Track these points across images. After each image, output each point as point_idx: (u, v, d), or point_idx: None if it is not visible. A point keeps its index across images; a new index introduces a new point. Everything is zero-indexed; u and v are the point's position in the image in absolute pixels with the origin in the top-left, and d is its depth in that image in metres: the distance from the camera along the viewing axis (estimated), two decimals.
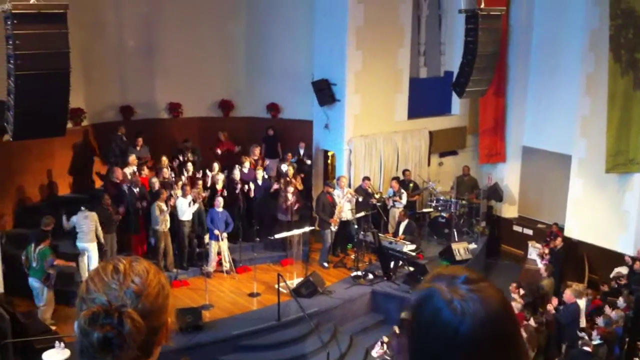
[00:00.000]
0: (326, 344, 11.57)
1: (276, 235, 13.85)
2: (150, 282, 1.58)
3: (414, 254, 13.87)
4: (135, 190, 13.46)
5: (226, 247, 13.81)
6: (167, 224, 13.28)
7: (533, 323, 10.83)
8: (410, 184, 15.94)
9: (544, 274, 13.51)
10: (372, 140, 15.89)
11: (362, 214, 14.47)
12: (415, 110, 16.68)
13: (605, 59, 14.32)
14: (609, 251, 14.88)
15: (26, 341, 9.84)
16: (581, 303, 11.92)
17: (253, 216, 14.90)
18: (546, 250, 14.85)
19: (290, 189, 14.35)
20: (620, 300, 12.05)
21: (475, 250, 15.20)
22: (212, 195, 14.06)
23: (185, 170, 14.70)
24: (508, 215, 17.91)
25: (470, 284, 1.48)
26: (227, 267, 13.88)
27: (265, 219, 14.90)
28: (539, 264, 14.49)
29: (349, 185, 15.22)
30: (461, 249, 14.51)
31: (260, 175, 14.80)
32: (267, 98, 17.11)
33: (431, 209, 16.14)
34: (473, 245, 15.24)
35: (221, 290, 13.28)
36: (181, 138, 16.28)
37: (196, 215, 13.73)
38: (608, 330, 10.85)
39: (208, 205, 13.93)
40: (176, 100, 16.73)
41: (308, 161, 16.08)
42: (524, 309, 11.45)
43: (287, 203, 14.33)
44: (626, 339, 11.20)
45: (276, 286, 12.03)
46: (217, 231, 13.35)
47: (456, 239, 15.30)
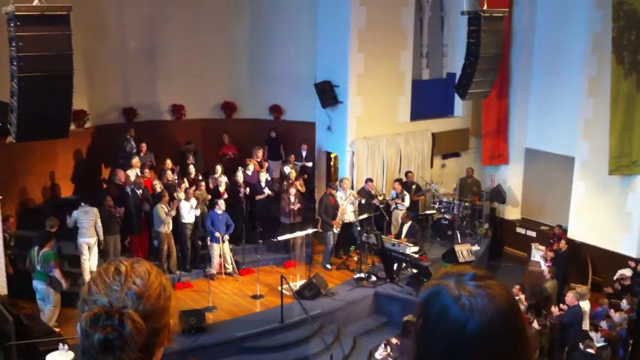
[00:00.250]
0: (329, 346, 11.57)
1: (279, 238, 13.85)
2: (151, 284, 1.59)
3: (417, 255, 13.85)
4: (138, 192, 13.47)
5: (228, 249, 13.81)
6: (170, 226, 13.28)
7: (536, 325, 10.81)
8: (413, 186, 15.92)
9: (547, 276, 13.48)
10: (375, 142, 15.89)
11: (365, 215, 14.47)
12: (418, 112, 16.68)
13: (608, 61, 14.30)
14: (612, 253, 14.86)
15: (30, 343, 9.84)
16: (585, 305, 11.90)
17: (256, 218, 14.90)
18: (549, 252, 14.83)
19: (292, 191, 14.35)
20: (624, 302, 12.02)
21: (478, 252, 15.18)
22: (215, 197, 14.07)
23: (188, 173, 14.72)
24: (511, 217, 17.89)
25: (478, 281, 1.49)
26: (230, 269, 13.88)
27: (268, 221, 14.90)
28: (542, 266, 14.47)
29: (352, 187, 15.22)
30: (464, 250, 14.49)
31: (263, 177, 14.81)
32: (270, 100, 17.12)
33: (434, 211, 16.13)
34: (476, 247, 15.23)
35: (224, 292, 13.28)
36: (184, 140, 16.31)
37: (199, 217, 13.75)
38: (612, 332, 10.83)
39: (209, 208, 13.94)
40: (179, 102, 16.75)
41: (309, 163, 16.08)
42: (527, 311, 11.43)
43: (289, 205, 14.34)
44: (630, 341, 11.17)
45: (279, 288, 12.04)
46: (218, 233, 13.36)
47: (459, 241, 15.29)
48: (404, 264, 13.79)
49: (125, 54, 16.07)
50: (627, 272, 13.77)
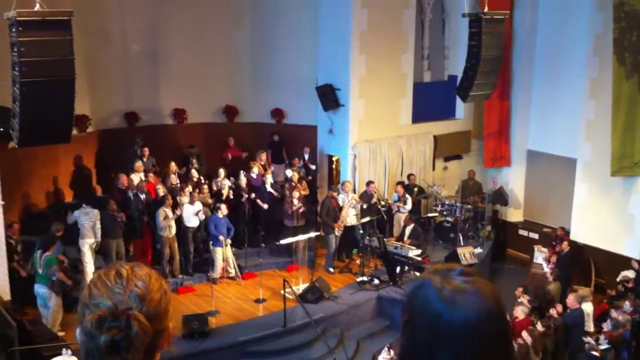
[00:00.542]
0: (332, 349, 11.56)
1: (281, 241, 13.85)
2: (153, 287, 1.60)
3: (419, 258, 13.83)
4: (141, 196, 13.48)
5: (231, 253, 13.81)
6: (173, 230, 13.28)
7: (540, 327, 10.78)
8: (415, 189, 15.92)
9: (550, 278, 13.47)
10: (377, 145, 15.89)
11: (367, 219, 14.47)
12: (420, 114, 16.68)
13: (609, 63, 14.29)
14: (615, 255, 14.83)
15: (33, 348, 9.84)
16: (588, 307, 11.88)
17: (259, 222, 14.89)
18: (552, 254, 14.81)
19: (295, 194, 14.36)
20: (627, 304, 12.00)
21: (481, 254, 15.17)
22: (218, 201, 14.09)
23: (191, 177, 14.73)
24: (513, 219, 17.88)
25: (466, 276, 1.51)
26: (233, 273, 13.88)
27: (272, 224, 14.90)
28: (545, 268, 14.45)
29: (354, 190, 15.22)
30: (467, 253, 14.48)
31: (268, 180, 14.83)
32: (272, 103, 17.13)
33: (436, 214, 16.12)
34: (479, 250, 15.22)
35: (227, 297, 13.27)
36: (186, 144, 16.33)
37: (203, 221, 13.75)
38: (615, 334, 10.81)
39: (213, 212, 13.94)
40: (181, 106, 16.76)
41: (313, 166, 16.10)
42: (530, 313, 11.42)
43: (293, 208, 14.35)
44: (633, 343, 11.15)
45: (282, 292, 12.04)
46: (222, 237, 13.36)
47: (462, 244, 15.28)
48: (406, 267, 13.78)
49: (127, 58, 16.08)
50: (630, 274, 13.74)
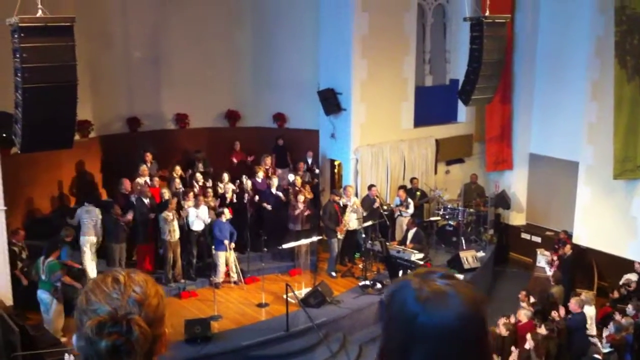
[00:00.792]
0: (335, 353, 11.54)
1: (284, 245, 13.85)
2: (150, 292, 1.61)
3: (422, 262, 13.82)
4: (145, 201, 13.49)
5: (234, 258, 13.81)
6: (176, 234, 13.29)
7: (544, 331, 10.77)
8: (418, 192, 15.91)
9: (551, 281, 13.45)
10: (379, 149, 15.89)
11: (370, 223, 14.46)
12: (422, 118, 16.68)
13: (611, 66, 14.30)
14: (617, 258, 14.80)
15: (35, 354, 9.84)
16: (591, 311, 11.87)
17: (262, 226, 14.90)
18: (555, 257, 14.79)
19: (300, 198, 14.38)
20: (630, 308, 11.98)
21: (484, 258, 15.15)
22: (222, 205, 14.11)
23: (196, 181, 14.74)
24: (516, 222, 17.87)
25: (448, 279, 1.51)
26: (235, 278, 13.88)
27: (275, 229, 14.91)
28: (548, 272, 14.43)
29: (356, 194, 15.23)
30: (469, 257, 14.47)
31: (274, 184, 14.84)
32: (274, 108, 17.13)
33: (439, 217, 16.10)
34: (481, 253, 15.19)
35: (229, 301, 13.26)
36: (189, 149, 16.35)
37: (207, 225, 13.76)
38: (618, 337, 10.79)
39: (217, 216, 13.97)
40: (183, 111, 16.77)
41: (316, 170, 16.10)
42: (533, 316, 11.40)
43: (297, 212, 14.36)
44: (636, 346, 11.12)
45: (284, 296, 12.01)
46: (227, 241, 13.36)
47: (464, 247, 15.26)
48: (409, 271, 13.76)
49: (129, 63, 16.11)
50: (633, 277, 13.73)
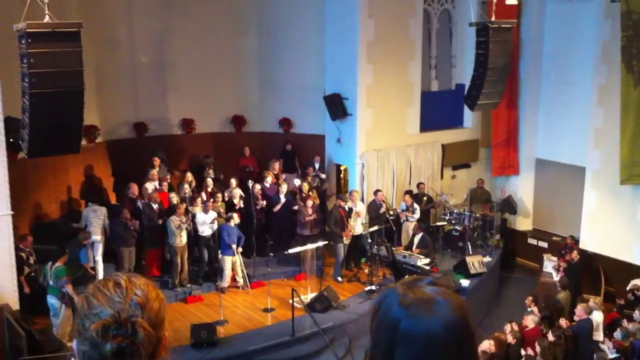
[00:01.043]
0: (341, 359, 11.53)
1: (290, 250, 13.85)
2: (151, 295, 1.63)
3: (428, 267, 13.80)
4: (154, 206, 13.52)
5: (240, 262, 13.82)
6: (184, 239, 13.31)
7: (551, 337, 10.72)
8: (424, 197, 15.90)
9: (558, 287, 13.41)
10: (385, 154, 15.89)
11: (375, 228, 14.45)
12: (428, 123, 16.68)
13: (617, 71, 14.27)
14: (624, 263, 14.75)
15: (42, 358, 9.86)
16: (598, 317, 11.82)
17: (269, 231, 14.91)
18: (562, 263, 14.74)
19: (309, 203, 14.39)
20: (637, 313, 11.92)
21: (490, 263, 15.10)
22: (228, 210, 14.13)
23: (206, 186, 14.77)
24: (522, 227, 17.82)
25: (436, 286, 1.53)
26: (241, 283, 13.89)
27: (284, 233, 14.93)
28: (555, 277, 14.38)
29: (362, 199, 15.23)
30: (476, 262, 14.44)
31: (284, 189, 14.85)
32: (279, 113, 17.17)
33: (445, 222, 16.08)
34: (488, 259, 15.15)
35: (235, 306, 13.27)
36: (195, 154, 16.39)
37: (216, 231, 13.79)
38: (625, 343, 10.74)
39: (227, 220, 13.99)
40: (189, 116, 16.82)
41: (323, 175, 16.12)
42: (540, 322, 11.36)
43: (306, 217, 14.37)
44: None
45: (290, 301, 12.01)
46: (234, 245, 13.38)
47: (470, 252, 15.23)
48: (415, 276, 13.72)
49: (135, 69, 16.18)
50: None
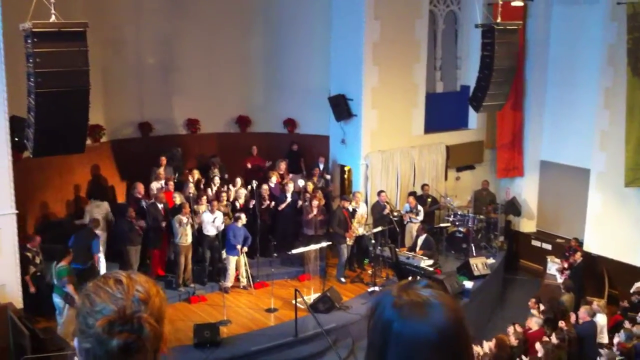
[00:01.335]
0: (344, 359, 11.52)
1: (293, 251, 13.86)
2: (152, 292, 1.63)
3: (431, 269, 13.80)
4: (159, 206, 13.55)
5: (244, 262, 13.83)
6: (189, 239, 13.32)
7: (554, 339, 10.71)
8: (429, 199, 15.89)
9: (563, 289, 13.39)
10: (389, 155, 15.89)
11: (379, 229, 14.45)
12: (432, 124, 16.68)
13: (623, 73, 14.23)
14: (629, 266, 14.71)
15: (45, 357, 9.88)
16: (602, 319, 11.79)
17: (273, 231, 14.92)
18: (565, 265, 14.71)
19: (315, 203, 14.40)
20: None
21: (494, 265, 15.09)
22: (233, 210, 14.14)
23: (213, 184, 14.79)
24: (526, 229, 17.79)
25: (432, 289, 1.54)
26: (245, 283, 13.90)
27: (289, 233, 14.94)
28: (559, 279, 14.36)
29: (366, 201, 15.23)
30: (479, 264, 14.42)
31: (290, 188, 14.87)
32: (284, 113, 17.17)
33: (449, 224, 16.06)
34: (491, 260, 15.14)
35: (239, 306, 13.28)
36: (200, 154, 16.40)
37: (221, 231, 13.81)
38: (628, 345, 10.72)
39: (233, 220, 14.01)
40: (194, 116, 16.83)
41: (328, 176, 16.12)
42: (544, 324, 11.35)
43: (311, 217, 14.39)
44: None
45: (293, 302, 12.02)
46: (239, 246, 13.39)
47: (474, 254, 15.21)
48: (418, 278, 13.71)
49: (141, 68, 16.19)
50: None
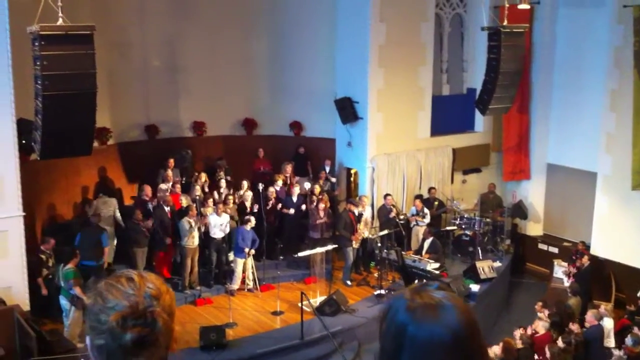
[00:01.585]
0: None
1: (299, 254, 13.87)
2: (163, 289, 1.67)
3: (437, 272, 13.77)
4: (166, 208, 13.58)
5: (251, 265, 13.84)
6: (196, 241, 13.34)
7: (561, 343, 10.67)
8: (436, 202, 15.87)
9: (570, 293, 13.35)
10: (395, 157, 15.88)
11: (385, 231, 14.44)
12: (438, 127, 16.66)
13: (630, 75, 14.19)
14: (636, 269, 14.64)
15: (51, 359, 9.90)
16: (608, 323, 11.75)
17: (280, 234, 14.91)
18: (572, 268, 14.67)
19: (321, 206, 14.41)
20: None
21: (500, 268, 15.05)
22: (240, 212, 14.16)
23: (219, 187, 14.80)
24: (533, 233, 17.73)
25: (444, 291, 1.55)
26: (251, 285, 13.91)
27: (295, 236, 14.94)
28: (566, 283, 14.31)
29: (372, 204, 15.23)
30: (486, 267, 14.39)
31: (296, 191, 14.88)
32: (290, 116, 17.18)
33: (455, 227, 16.03)
34: (498, 264, 15.09)
35: (245, 309, 13.29)
36: (206, 156, 16.43)
37: (227, 234, 13.82)
38: (636, 350, 10.67)
39: (239, 223, 14.02)
40: (200, 119, 16.85)
41: (333, 179, 16.12)
42: (550, 328, 11.31)
43: (317, 220, 14.39)
44: None
45: (299, 304, 12.02)
46: (247, 249, 13.41)
47: (480, 257, 15.18)
48: (424, 281, 13.71)
49: (147, 71, 16.23)
50: None
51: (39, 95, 8.82)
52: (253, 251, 13.64)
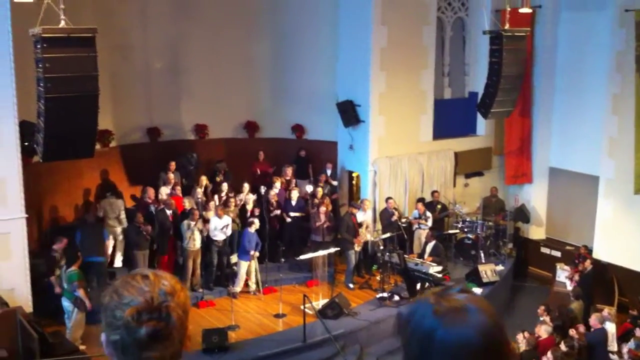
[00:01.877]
0: None
1: (301, 257, 13.86)
2: (177, 287, 1.70)
3: (440, 275, 13.76)
4: (168, 212, 13.58)
5: (255, 268, 13.83)
6: (197, 243, 13.34)
7: (564, 347, 10.65)
8: (438, 205, 15.85)
9: (573, 297, 13.32)
10: (397, 161, 15.88)
11: (388, 235, 14.43)
12: (440, 131, 16.66)
13: (632, 79, 14.18)
14: (638, 273, 14.61)
15: None
16: (611, 327, 11.72)
17: (282, 237, 14.92)
18: (575, 272, 14.64)
19: (322, 209, 14.40)
20: None
21: (503, 272, 15.04)
22: (241, 215, 14.16)
23: (221, 190, 14.81)
24: (535, 236, 17.71)
25: (467, 294, 1.56)
26: (254, 288, 13.90)
27: (297, 239, 14.93)
28: (568, 287, 14.29)
29: (374, 207, 15.21)
30: (488, 270, 14.37)
31: (295, 195, 14.86)
32: (292, 119, 17.20)
33: (457, 230, 16.02)
34: (500, 267, 15.09)
35: (247, 311, 13.29)
36: (208, 159, 16.43)
37: (229, 236, 13.81)
38: (638, 353, 10.65)
39: (240, 226, 14.00)
40: (202, 121, 16.88)
41: (335, 182, 16.11)
42: (553, 332, 11.29)
43: (319, 224, 14.39)
44: None
45: (302, 307, 12.01)
46: (252, 251, 13.41)
47: (483, 261, 15.16)
48: (427, 284, 13.70)
49: (149, 74, 16.26)
50: None
51: (41, 98, 8.83)
52: (257, 254, 13.64)
